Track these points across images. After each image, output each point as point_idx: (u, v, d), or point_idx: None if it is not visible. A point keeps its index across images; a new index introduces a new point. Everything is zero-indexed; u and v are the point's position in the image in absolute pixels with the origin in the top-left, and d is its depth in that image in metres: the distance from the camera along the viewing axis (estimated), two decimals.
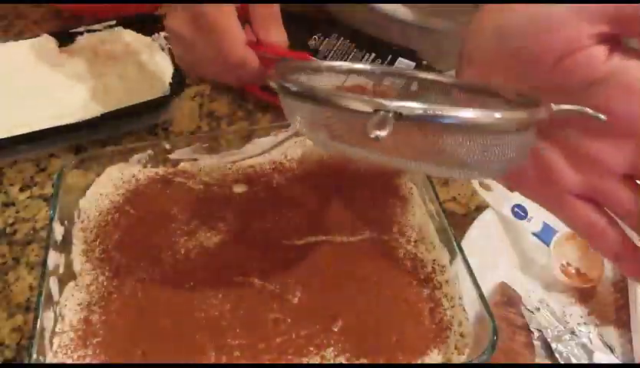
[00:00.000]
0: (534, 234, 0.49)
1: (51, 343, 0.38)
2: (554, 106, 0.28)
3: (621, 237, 0.30)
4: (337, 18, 0.72)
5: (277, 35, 0.42)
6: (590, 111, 0.28)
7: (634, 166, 0.29)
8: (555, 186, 0.31)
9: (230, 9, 0.39)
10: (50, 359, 0.38)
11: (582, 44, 0.28)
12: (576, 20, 0.28)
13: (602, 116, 0.28)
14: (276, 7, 0.42)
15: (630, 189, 0.29)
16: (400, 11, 0.65)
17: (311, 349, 0.39)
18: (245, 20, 0.42)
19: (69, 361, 0.38)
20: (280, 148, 0.52)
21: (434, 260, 0.44)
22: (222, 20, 0.39)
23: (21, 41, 0.65)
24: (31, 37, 0.66)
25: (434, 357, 0.38)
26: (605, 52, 0.28)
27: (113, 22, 0.68)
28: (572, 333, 0.44)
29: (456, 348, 0.39)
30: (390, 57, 0.63)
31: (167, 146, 0.50)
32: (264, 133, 0.51)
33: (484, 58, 0.31)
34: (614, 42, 0.29)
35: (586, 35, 0.28)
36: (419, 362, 0.38)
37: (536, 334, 0.44)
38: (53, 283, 0.41)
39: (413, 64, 0.63)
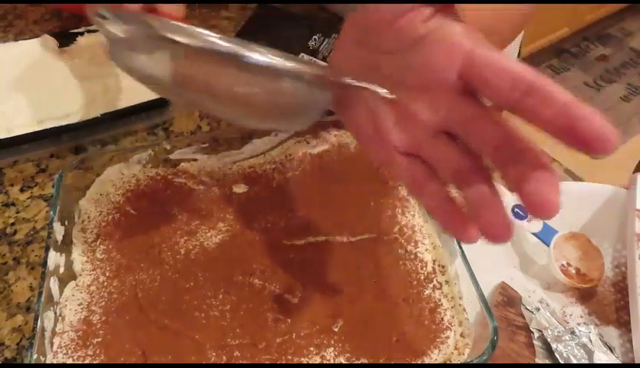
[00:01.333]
0: (534, 234, 0.49)
1: (51, 343, 0.38)
2: (347, 80, 0.31)
3: (440, 191, 0.30)
4: (340, 15, 0.72)
5: (173, 6, 0.43)
6: (378, 89, 0.31)
7: (447, 122, 0.29)
8: (385, 143, 0.32)
9: None
10: (50, 359, 0.38)
11: (406, 8, 0.29)
12: None
13: (386, 93, 0.30)
14: None
15: (444, 144, 0.30)
16: None
17: (311, 349, 0.39)
18: None
19: (69, 361, 0.38)
20: (280, 148, 0.52)
21: (434, 260, 0.44)
22: None
23: (21, 41, 0.65)
24: (31, 38, 0.66)
25: (434, 357, 0.38)
26: (428, 13, 0.29)
27: None
28: (572, 333, 0.44)
29: (456, 348, 0.39)
30: None
31: (167, 146, 0.50)
32: (264, 133, 0.51)
33: (342, 34, 0.34)
34: (439, 4, 0.30)
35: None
36: (419, 362, 0.38)
37: (536, 334, 0.44)
38: (53, 283, 0.41)
39: None
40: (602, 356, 0.43)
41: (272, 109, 0.32)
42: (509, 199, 0.49)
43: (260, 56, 0.29)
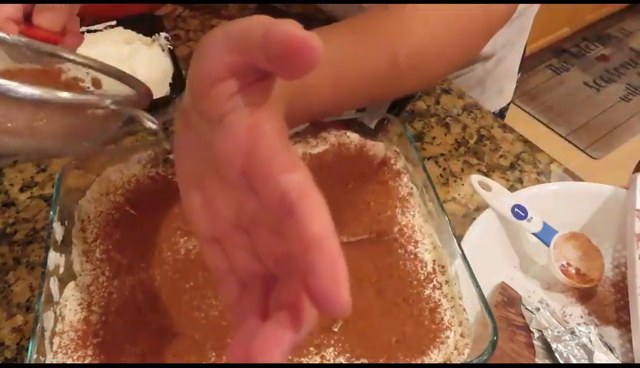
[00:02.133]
0: (534, 234, 0.49)
1: (51, 343, 0.38)
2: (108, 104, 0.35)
3: (237, 287, 0.28)
4: (335, 18, 0.72)
5: (50, 19, 0.42)
6: (143, 116, 0.32)
7: (238, 217, 0.27)
8: (195, 226, 0.30)
9: None
10: (50, 359, 0.38)
11: (220, 75, 0.26)
12: (221, 46, 0.26)
13: (152, 126, 0.31)
14: None
15: (238, 243, 0.28)
16: None
17: (311, 349, 0.39)
18: None
19: (69, 361, 0.38)
20: None
21: (434, 260, 0.44)
22: None
23: None
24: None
25: (434, 357, 0.38)
26: (234, 87, 0.26)
27: (114, 22, 0.68)
28: (572, 333, 0.44)
29: (456, 348, 0.39)
30: None
31: (167, 146, 0.50)
32: None
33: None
34: (251, 76, 0.26)
35: (224, 65, 0.26)
36: (419, 362, 0.38)
37: (536, 334, 0.44)
38: (53, 283, 0.41)
39: None
40: (602, 356, 0.43)
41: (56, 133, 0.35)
42: (509, 199, 0.49)
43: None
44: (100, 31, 0.67)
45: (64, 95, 0.33)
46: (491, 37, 0.50)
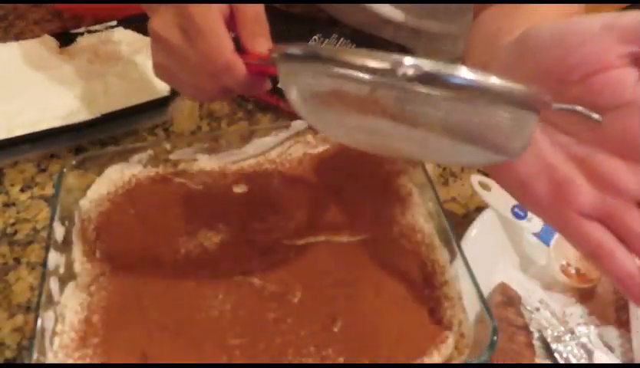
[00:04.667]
0: (534, 234, 0.49)
1: (52, 343, 0.38)
2: (554, 105, 0.28)
3: (629, 260, 0.29)
4: (335, 18, 0.72)
5: (264, 45, 0.39)
6: (585, 111, 0.28)
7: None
8: (567, 203, 0.30)
9: (217, 12, 0.37)
10: (50, 359, 0.38)
11: (611, 63, 0.27)
12: (607, 37, 0.27)
13: (596, 116, 0.27)
14: (262, 14, 0.40)
15: (638, 213, 0.28)
16: (395, 13, 0.65)
17: (311, 349, 0.39)
18: (229, 28, 0.39)
19: (69, 361, 0.38)
20: (280, 148, 0.52)
21: (434, 260, 0.44)
22: (210, 23, 0.37)
23: (21, 42, 0.65)
24: (31, 38, 0.66)
25: (434, 357, 0.39)
26: (635, 76, 0.27)
27: (114, 22, 0.68)
28: (572, 333, 0.44)
29: (456, 348, 0.39)
30: None
31: (167, 146, 0.50)
32: (264, 133, 0.51)
33: (502, 70, 0.31)
34: None
35: (616, 55, 0.27)
36: (419, 362, 0.38)
37: (536, 334, 0.44)
38: (53, 283, 0.41)
39: None
40: (601, 356, 0.43)
41: (470, 136, 0.28)
42: (509, 199, 0.49)
43: (460, 74, 0.25)
44: (100, 31, 0.67)
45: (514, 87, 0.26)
46: None
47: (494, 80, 0.25)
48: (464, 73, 0.25)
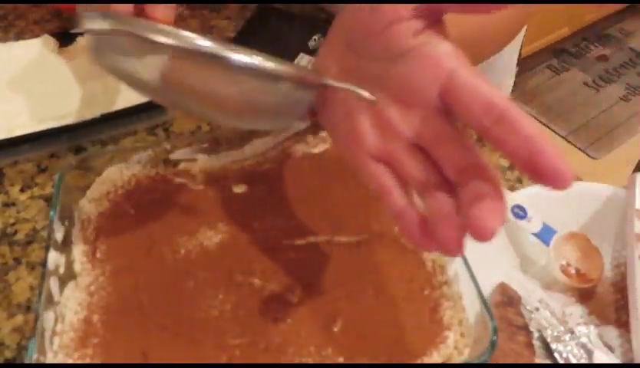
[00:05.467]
0: (534, 234, 0.49)
1: (52, 343, 0.38)
2: (329, 81, 0.33)
3: (403, 199, 0.31)
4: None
5: (163, 10, 0.41)
6: (361, 92, 0.31)
7: (419, 135, 0.30)
8: (358, 146, 0.33)
9: None
10: (50, 359, 0.38)
11: (401, 16, 0.30)
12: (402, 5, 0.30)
13: (368, 96, 0.31)
14: None
15: (414, 157, 0.31)
16: None
17: (311, 349, 0.39)
18: None
19: (69, 361, 0.38)
20: (280, 148, 0.52)
21: (434, 260, 0.44)
22: None
23: (21, 41, 0.65)
24: (31, 38, 0.66)
25: (434, 357, 0.39)
26: (418, 26, 0.30)
27: None
28: (572, 333, 0.44)
29: (456, 348, 0.39)
30: None
31: (167, 146, 0.50)
32: (264, 133, 0.51)
33: (330, 33, 0.35)
34: (432, 19, 0.30)
35: (405, 9, 0.30)
36: (419, 362, 0.38)
37: (536, 334, 0.44)
38: (53, 283, 0.41)
39: None
40: (601, 356, 0.43)
41: (253, 109, 0.33)
42: (509, 199, 0.49)
43: (242, 56, 0.30)
44: None
45: (287, 68, 0.32)
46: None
47: (264, 63, 0.31)
48: (237, 56, 0.30)
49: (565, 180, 0.25)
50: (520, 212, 0.49)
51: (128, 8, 0.40)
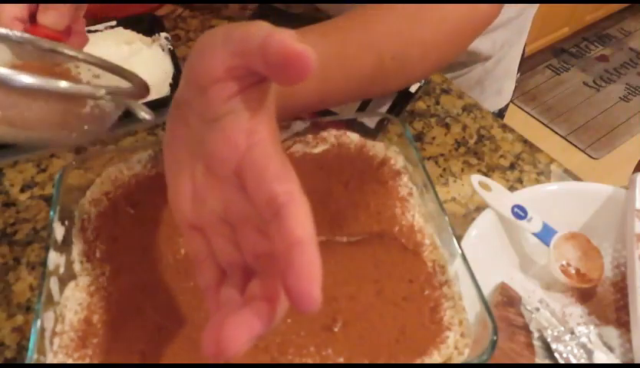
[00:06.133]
0: (534, 234, 0.49)
1: (52, 343, 0.38)
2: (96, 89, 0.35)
3: (216, 273, 0.30)
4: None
5: (53, 18, 0.42)
6: (137, 107, 0.33)
7: (226, 211, 0.29)
8: (177, 209, 0.31)
9: None
10: (50, 359, 0.38)
11: (219, 76, 0.27)
12: (221, 47, 0.27)
13: (146, 117, 0.33)
14: None
15: (221, 233, 0.29)
16: None
17: (311, 349, 0.39)
18: None
19: (69, 361, 0.38)
20: None
21: (434, 260, 0.44)
22: None
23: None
24: None
25: (434, 357, 0.39)
26: (232, 89, 0.28)
27: (114, 22, 0.68)
28: (572, 333, 0.44)
29: (456, 348, 0.39)
30: None
31: None
32: None
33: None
34: (249, 79, 0.28)
35: (223, 66, 0.27)
36: (419, 362, 0.38)
37: (536, 334, 0.44)
38: (53, 283, 0.41)
39: None
40: (601, 356, 0.43)
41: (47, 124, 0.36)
42: (509, 199, 0.49)
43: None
44: (100, 31, 0.67)
45: (61, 84, 0.34)
46: (477, 37, 0.51)
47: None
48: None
49: (311, 304, 0.23)
50: (520, 212, 0.49)
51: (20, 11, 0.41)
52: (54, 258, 0.42)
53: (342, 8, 0.70)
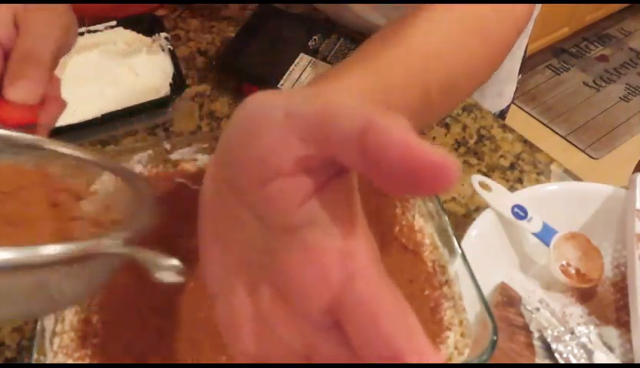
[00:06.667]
0: (534, 234, 0.49)
1: (51, 343, 0.38)
2: (113, 243, 0.23)
3: None
4: (332, 17, 0.72)
5: (24, 91, 0.31)
6: (158, 262, 0.22)
7: (308, 347, 0.21)
8: (231, 338, 0.24)
9: None
10: (50, 359, 0.38)
11: (286, 168, 0.20)
12: (286, 130, 0.20)
13: (175, 273, 0.21)
14: (45, 45, 0.32)
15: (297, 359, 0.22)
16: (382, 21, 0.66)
17: None
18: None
19: (69, 361, 0.38)
20: None
21: (434, 260, 0.44)
22: None
23: None
24: None
25: None
26: (307, 188, 0.20)
27: (114, 22, 0.68)
28: (572, 333, 0.44)
29: (456, 348, 0.39)
30: None
31: (167, 147, 0.50)
32: None
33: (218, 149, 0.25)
34: (326, 173, 0.20)
35: (293, 157, 0.20)
36: None
37: (536, 334, 0.44)
38: None
39: None
40: (601, 356, 0.43)
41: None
42: (509, 199, 0.49)
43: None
44: (100, 31, 0.67)
45: (52, 251, 0.21)
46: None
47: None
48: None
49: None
50: (520, 212, 0.49)
51: None
52: None
53: (342, 8, 0.70)
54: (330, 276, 0.20)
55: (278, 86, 0.61)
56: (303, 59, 0.64)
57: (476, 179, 0.50)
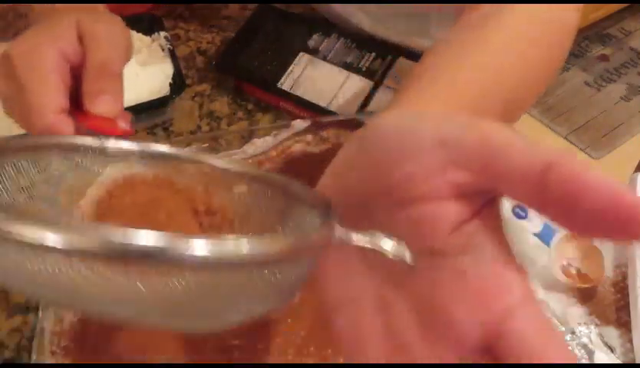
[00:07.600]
0: (534, 234, 0.49)
1: (51, 343, 0.38)
2: (348, 235, 0.21)
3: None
4: (331, 18, 0.72)
5: (108, 105, 0.32)
6: (389, 253, 0.20)
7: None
8: (355, 349, 0.23)
9: (48, 59, 0.32)
10: (50, 359, 0.38)
11: (434, 192, 0.20)
12: (438, 155, 0.20)
13: (408, 260, 0.21)
14: (116, 60, 0.33)
15: None
16: (378, 29, 0.65)
17: (311, 349, 0.39)
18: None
19: (68, 361, 0.38)
20: (280, 148, 0.52)
21: None
22: (34, 76, 0.32)
23: None
24: None
25: None
26: (462, 213, 0.20)
27: None
28: (573, 333, 0.44)
29: None
30: (390, 57, 0.63)
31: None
32: (264, 133, 0.51)
33: (339, 169, 0.26)
34: (478, 201, 0.21)
35: (447, 183, 0.19)
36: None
37: None
38: None
39: (413, 63, 0.63)
40: (602, 356, 0.42)
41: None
42: (509, 199, 0.49)
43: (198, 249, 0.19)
44: None
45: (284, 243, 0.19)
46: None
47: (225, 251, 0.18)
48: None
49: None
50: (521, 212, 0.49)
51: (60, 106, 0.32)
52: None
53: (341, 8, 0.70)
54: (491, 306, 0.19)
55: (278, 85, 0.61)
56: (303, 58, 0.63)
57: None
